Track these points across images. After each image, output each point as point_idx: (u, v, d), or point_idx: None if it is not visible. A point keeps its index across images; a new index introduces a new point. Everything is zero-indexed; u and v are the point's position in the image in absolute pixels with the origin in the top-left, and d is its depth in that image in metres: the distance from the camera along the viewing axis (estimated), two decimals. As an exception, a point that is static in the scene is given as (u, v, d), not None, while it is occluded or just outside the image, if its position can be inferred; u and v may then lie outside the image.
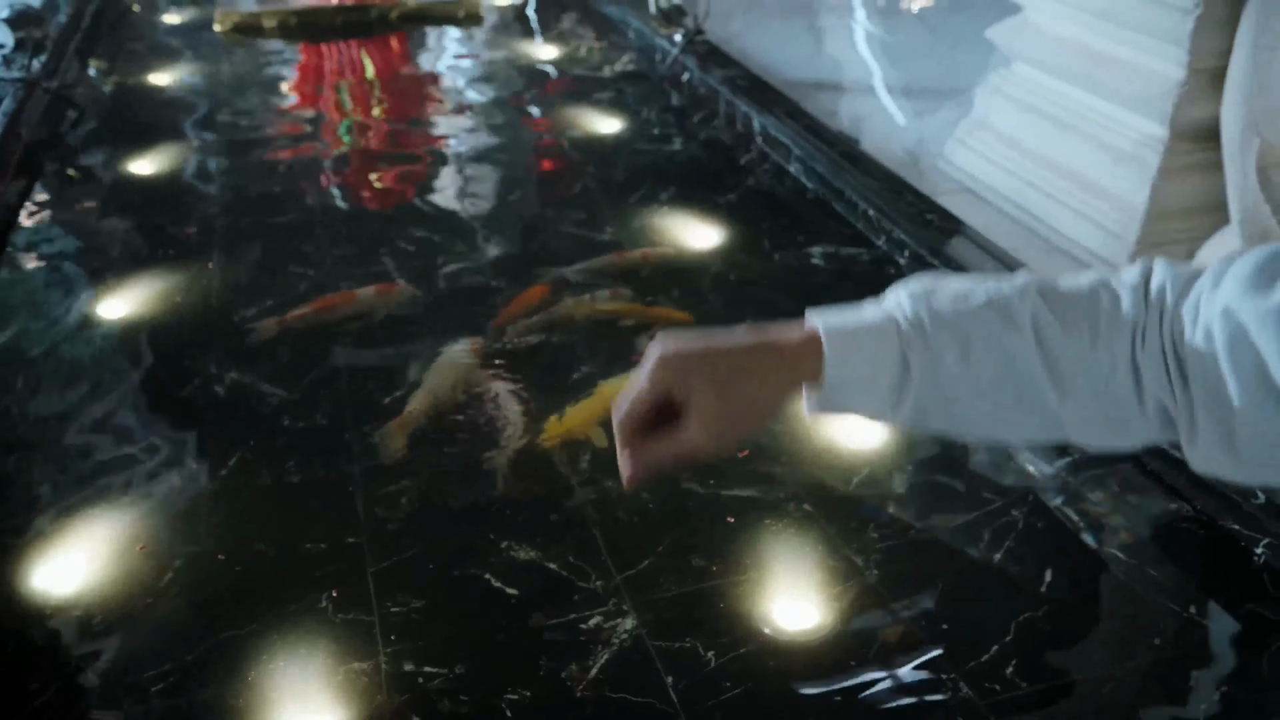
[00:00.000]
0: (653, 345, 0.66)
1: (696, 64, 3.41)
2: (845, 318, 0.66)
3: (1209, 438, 0.62)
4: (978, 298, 0.65)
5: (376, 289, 2.32)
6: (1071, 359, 0.64)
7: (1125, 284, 0.65)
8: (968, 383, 0.65)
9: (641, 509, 1.70)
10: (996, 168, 2.55)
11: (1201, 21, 1.98)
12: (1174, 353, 0.62)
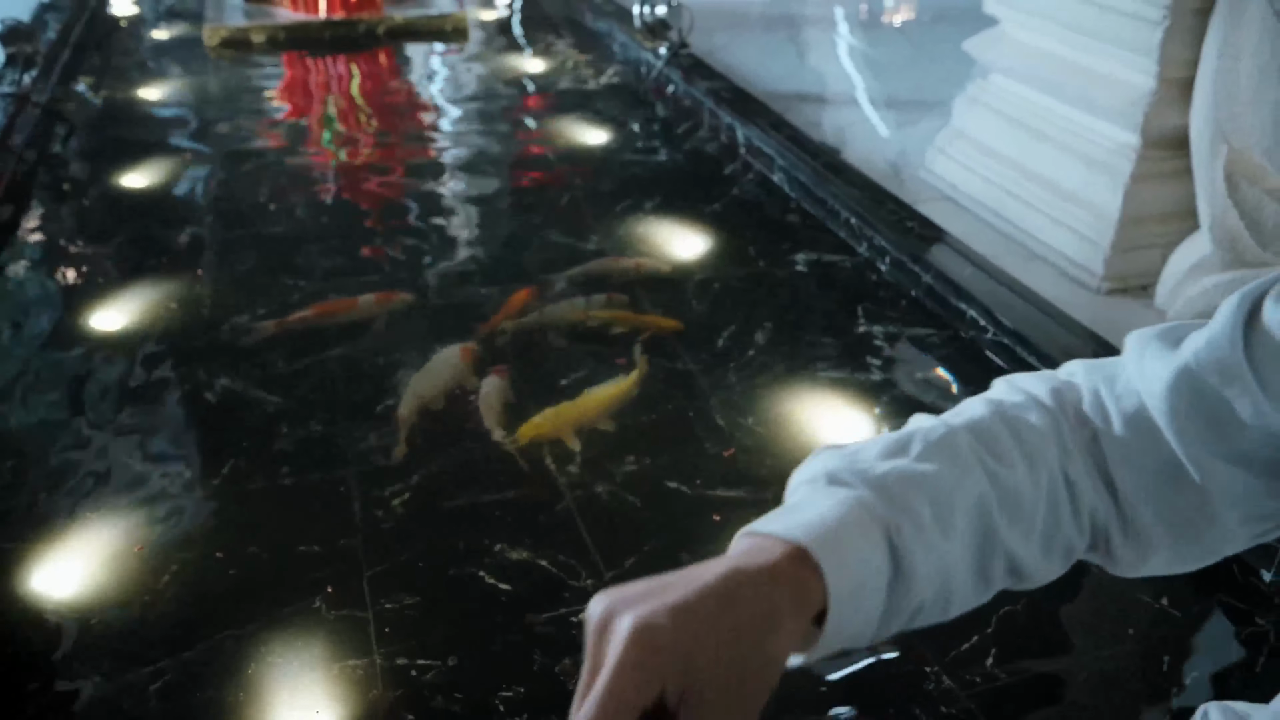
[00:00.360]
0: (607, 615, 0.49)
1: (681, 77, 3.46)
2: (799, 516, 0.53)
3: (1139, 542, 0.61)
4: (914, 449, 0.58)
5: (377, 296, 2.37)
6: (1021, 490, 0.59)
7: (1030, 399, 0.63)
8: (952, 548, 0.56)
9: (629, 510, 1.74)
10: (975, 176, 2.61)
11: (1169, 33, 2.04)
12: (1095, 452, 0.61)
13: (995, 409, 0.63)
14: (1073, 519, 0.62)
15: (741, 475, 1.81)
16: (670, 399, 2.02)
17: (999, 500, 0.59)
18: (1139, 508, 0.61)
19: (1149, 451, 0.61)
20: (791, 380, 2.06)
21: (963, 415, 0.62)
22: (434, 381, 2.08)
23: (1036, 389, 0.64)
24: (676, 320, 2.26)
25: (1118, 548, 0.63)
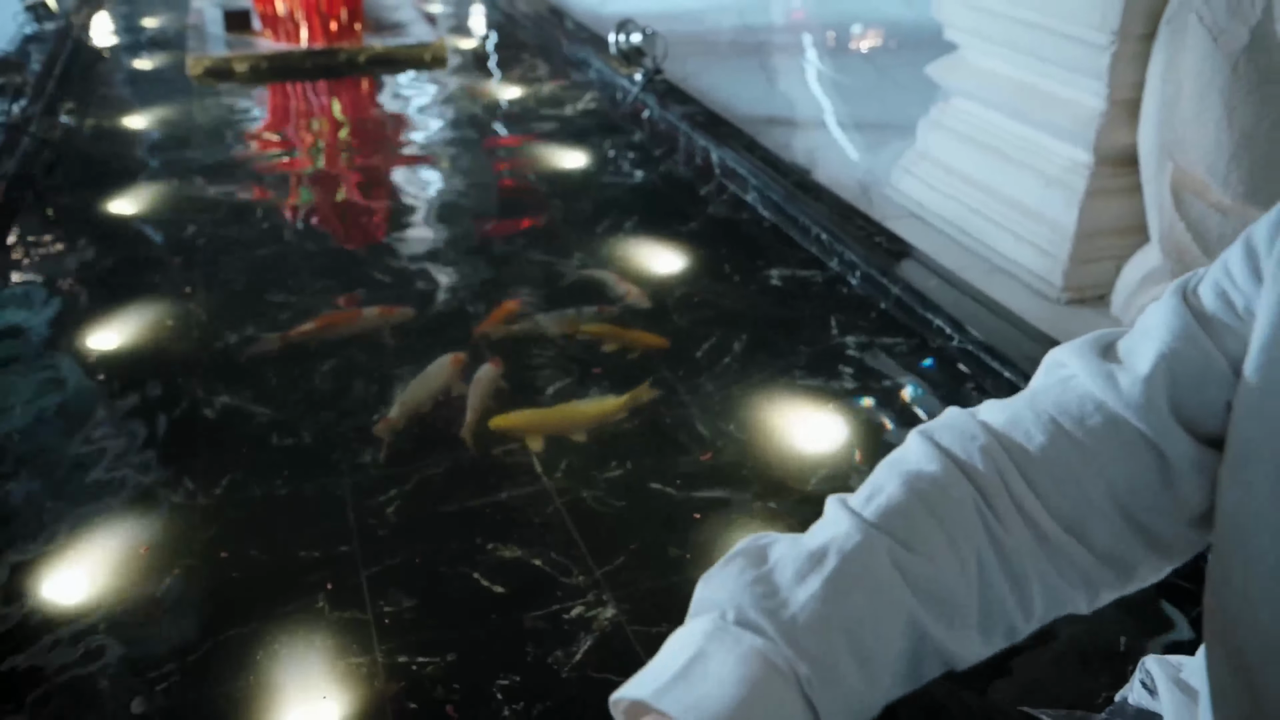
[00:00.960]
0: None
1: (656, 101, 3.57)
2: (706, 690, 0.53)
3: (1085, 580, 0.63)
4: (830, 564, 0.58)
5: (380, 309, 2.46)
6: (950, 585, 0.59)
7: (948, 466, 0.63)
8: (878, 689, 0.57)
9: (616, 511, 1.82)
10: (939, 194, 2.72)
11: (1117, 57, 2.17)
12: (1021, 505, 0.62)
13: (912, 488, 0.62)
14: (1012, 593, 0.61)
15: (721, 477, 1.90)
16: (652, 406, 2.11)
17: (926, 607, 0.58)
18: (1100, 541, 0.63)
19: (1127, 464, 0.62)
20: (768, 388, 2.16)
21: (879, 501, 0.62)
22: (425, 388, 2.16)
23: (957, 445, 0.64)
24: (662, 338, 2.35)
25: (1101, 581, 0.64)
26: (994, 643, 0.63)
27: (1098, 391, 0.63)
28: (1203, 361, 0.61)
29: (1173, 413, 0.62)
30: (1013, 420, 0.65)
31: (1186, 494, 0.63)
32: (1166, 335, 0.63)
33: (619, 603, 1.61)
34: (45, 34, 4.48)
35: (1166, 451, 0.62)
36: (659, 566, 1.70)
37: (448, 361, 2.24)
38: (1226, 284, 0.62)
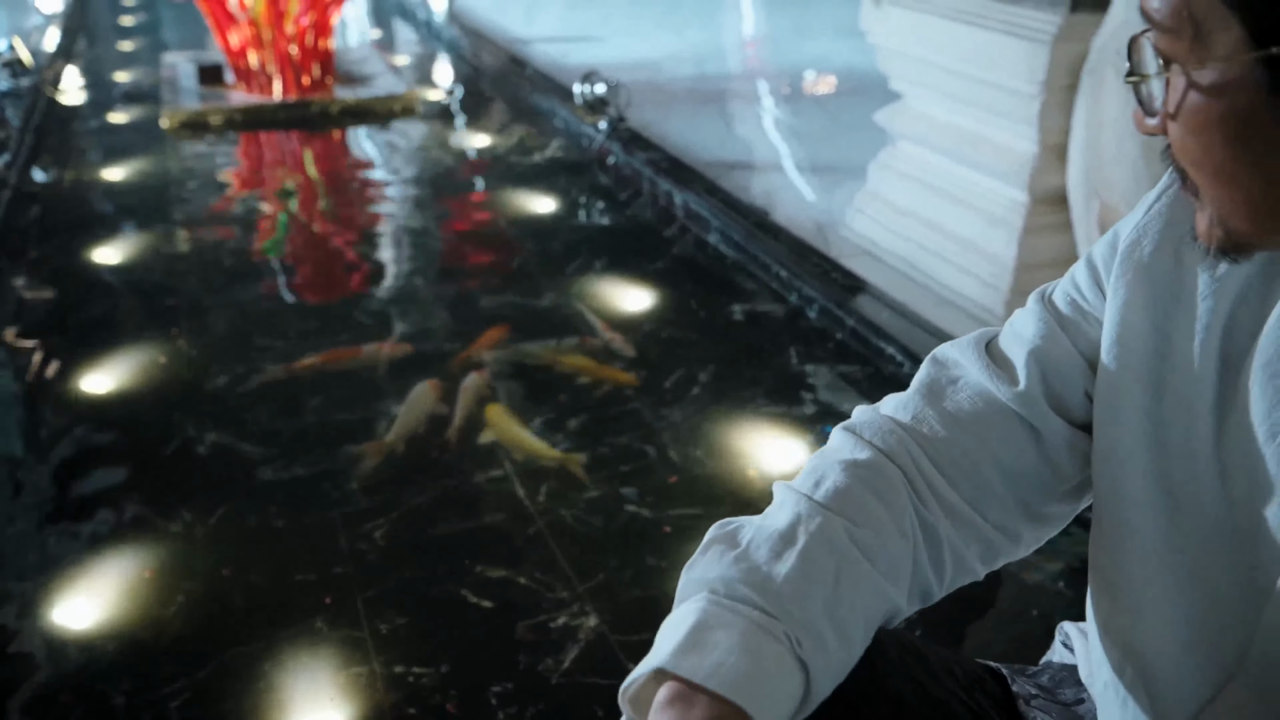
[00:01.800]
0: None
1: (621, 148, 3.75)
2: (716, 658, 0.60)
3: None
4: (800, 541, 0.66)
5: (379, 345, 2.61)
6: (895, 552, 0.69)
7: (876, 453, 0.72)
8: (850, 645, 0.66)
9: (595, 532, 1.95)
10: (890, 232, 2.90)
11: (1045, 106, 2.36)
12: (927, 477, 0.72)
13: (853, 474, 0.71)
14: (931, 560, 0.72)
15: (692, 497, 2.03)
16: (625, 434, 2.24)
17: (882, 573, 0.67)
18: (991, 505, 0.73)
19: (1005, 440, 0.73)
20: (734, 414, 2.31)
21: (826, 487, 0.71)
22: (413, 411, 2.31)
23: (878, 440, 0.74)
24: (632, 375, 2.48)
25: (1000, 540, 0.75)
26: (913, 605, 0.73)
27: (985, 385, 0.75)
28: (1065, 357, 0.74)
29: (1046, 400, 0.74)
30: (917, 416, 0.75)
31: (1063, 470, 0.75)
32: (1034, 335, 0.75)
33: (601, 614, 1.73)
34: (20, 89, 4.58)
35: (1043, 434, 0.73)
36: (637, 579, 1.82)
37: (427, 387, 2.38)
38: (1075, 294, 0.75)
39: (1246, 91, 0.51)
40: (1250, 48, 0.49)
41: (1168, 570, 0.68)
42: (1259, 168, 0.53)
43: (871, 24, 2.84)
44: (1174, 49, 0.54)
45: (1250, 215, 0.55)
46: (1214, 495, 0.65)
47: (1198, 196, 0.58)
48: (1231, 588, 0.65)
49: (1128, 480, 0.69)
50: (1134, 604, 0.70)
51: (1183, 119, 0.55)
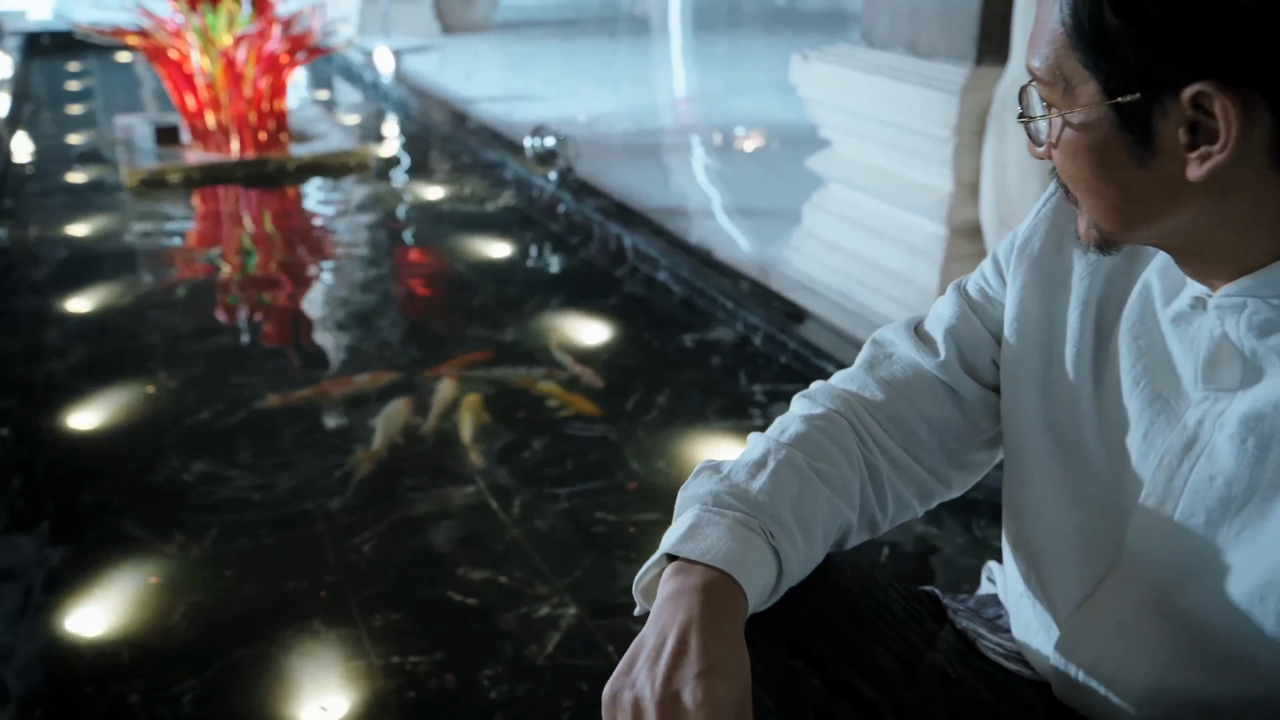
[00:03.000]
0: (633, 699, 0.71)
1: (571, 196, 3.98)
2: (710, 543, 0.77)
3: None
4: (770, 466, 0.83)
5: (370, 375, 2.79)
6: (847, 481, 0.86)
7: (828, 410, 0.89)
8: (811, 544, 0.83)
9: (567, 535, 2.12)
10: (824, 267, 3.15)
11: (958, 149, 2.63)
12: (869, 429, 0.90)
13: (810, 424, 0.88)
14: (867, 493, 0.88)
15: (654, 502, 2.22)
16: (591, 451, 2.43)
17: (836, 494, 0.84)
18: (922, 456, 0.91)
19: (931, 400, 0.91)
20: (689, 430, 2.51)
21: (789, 432, 0.87)
22: (392, 423, 2.52)
23: (829, 401, 0.91)
24: (595, 405, 2.65)
25: (931, 483, 0.92)
26: (862, 531, 0.91)
27: (914, 357, 0.95)
28: (975, 334, 0.94)
29: (962, 367, 0.93)
30: (861, 384, 0.94)
31: (978, 423, 0.94)
32: (951, 317, 0.95)
33: (579, 605, 1.90)
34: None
35: (961, 394, 0.93)
36: (609, 573, 2.00)
37: (401, 403, 2.60)
38: (983, 284, 0.95)
39: (1103, 128, 0.70)
40: (1103, 98, 0.70)
41: (1058, 496, 0.87)
42: (1117, 182, 0.72)
43: (801, 79, 3.11)
44: (1051, 97, 0.73)
45: (1114, 218, 0.75)
46: (1092, 434, 0.85)
47: (1078, 205, 0.80)
48: (1105, 505, 0.85)
49: (1026, 428, 0.89)
50: (1034, 524, 0.90)
51: (1061, 148, 0.74)
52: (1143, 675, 0.82)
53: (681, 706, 0.70)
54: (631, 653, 0.75)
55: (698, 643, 0.72)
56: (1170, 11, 0.61)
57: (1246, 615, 0.74)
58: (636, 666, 0.73)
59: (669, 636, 0.73)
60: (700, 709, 0.69)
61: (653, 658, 0.73)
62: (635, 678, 0.73)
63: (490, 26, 9.34)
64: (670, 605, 0.75)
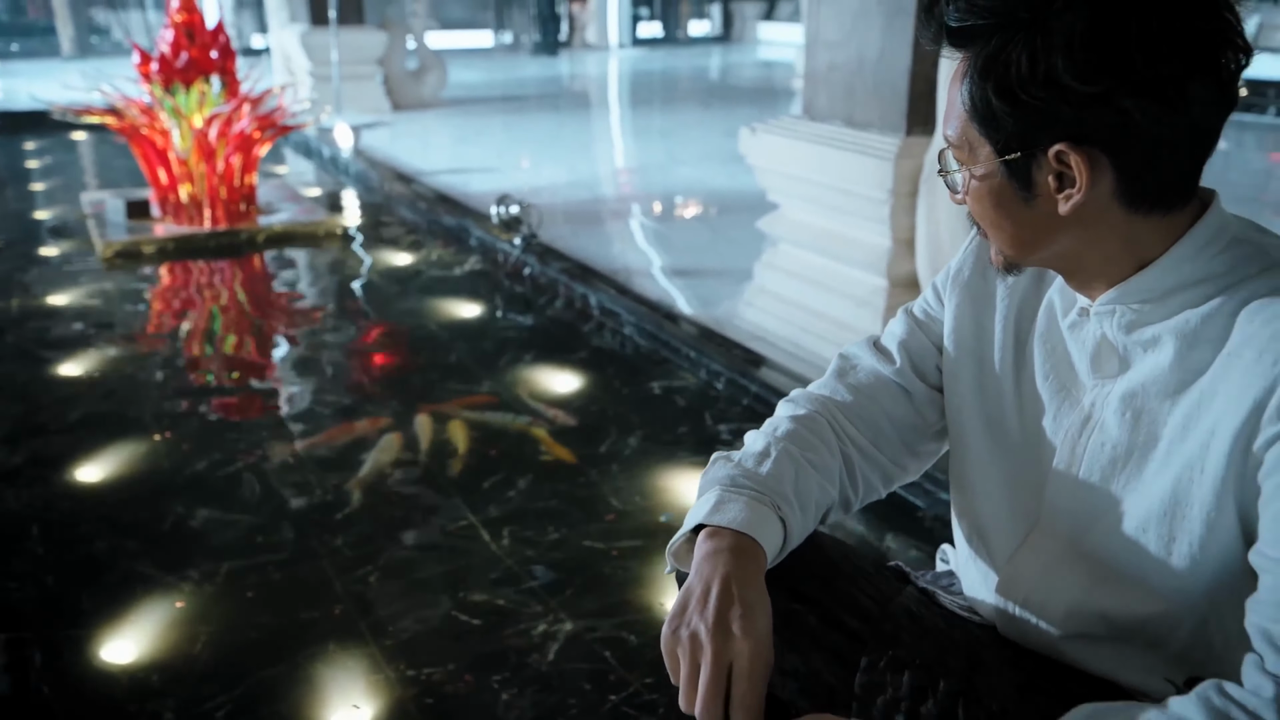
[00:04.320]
0: (690, 634, 0.93)
1: (536, 260, 4.23)
2: (733, 514, 0.99)
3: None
4: (773, 454, 1.06)
5: (368, 421, 3.01)
6: (830, 468, 1.09)
7: (810, 411, 1.12)
8: (806, 516, 1.05)
9: (558, 562, 2.32)
10: (776, 319, 3.43)
11: (894, 208, 2.94)
12: (849, 429, 1.12)
13: (797, 422, 1.09)
14: (844, 476, 1.10)
15: (634, 530, 2.43)
16: (572, 488, 2.64)
17: (822, 478, 1.06)
18: (884, 447, 1.13)
19: (891, 400, 1.14)
20: (662, 467, 2.74)
21: (781, 429, 1.09)
22: (382, 455, 2.76)
23: (809, 405, 1.13)
24: (570, 453, 2.85)
25: (892, 469, 1.14)
26: (839, 511, 1.16)
27: (875, 366, 1.20)
28: (922, 345, 1.19)
29: (913, 372, 1.18)
30: (833, 389, 1.18)
31: (928, 418, 1.19)
32: (902, 333, 1.20)
33: (574, 620, 2.10)
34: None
35: (913, 394, 1.17)
36: (599, 592, 2.20)
37: (393, 438, 2.85)
38: (926, 306, 1.20)
39: (998, 178, 0.96)
40: (996, 157, 0.94)
41: (991, 469, 1.12)
42: (1011, 218, 0.97)
43: (749, 149, 3.42)
44: (961, 157, 0.99)
45: (1013, 246, 1.01)
46: (1014, 419, 1.10)
47: (987, 238, 1.06)
48: (1028, 474, 1.09)
49: (965, 417, 1.13)
50: (974, 494, 1.15)
51: (970, 195, 1.00)
52: (1064, 602, 1.05)
53: (731, 634, 0.91)
54: (681, 600, 0.94)
55: (736, 588, 0.93)
56: (1034, 96, 0.87)
57: (1136, 545, 0.99)
58: (689, 609, 0.93)
59: (713, 586, 0.94)
60: (745, 636, 0.91)
61: (701, 602, 0.93)
62: (689, 618, 0.92)
63: (440, 103, 9.67)
64: (709, 562, 0.96)
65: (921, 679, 1.09)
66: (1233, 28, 0.86)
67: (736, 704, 0.90)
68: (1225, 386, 0.90)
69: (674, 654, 0.93)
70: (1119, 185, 0.90)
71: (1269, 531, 0.86)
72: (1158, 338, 0.96)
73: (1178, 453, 0.94)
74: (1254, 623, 0.85)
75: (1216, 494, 0.91)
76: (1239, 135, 8.39)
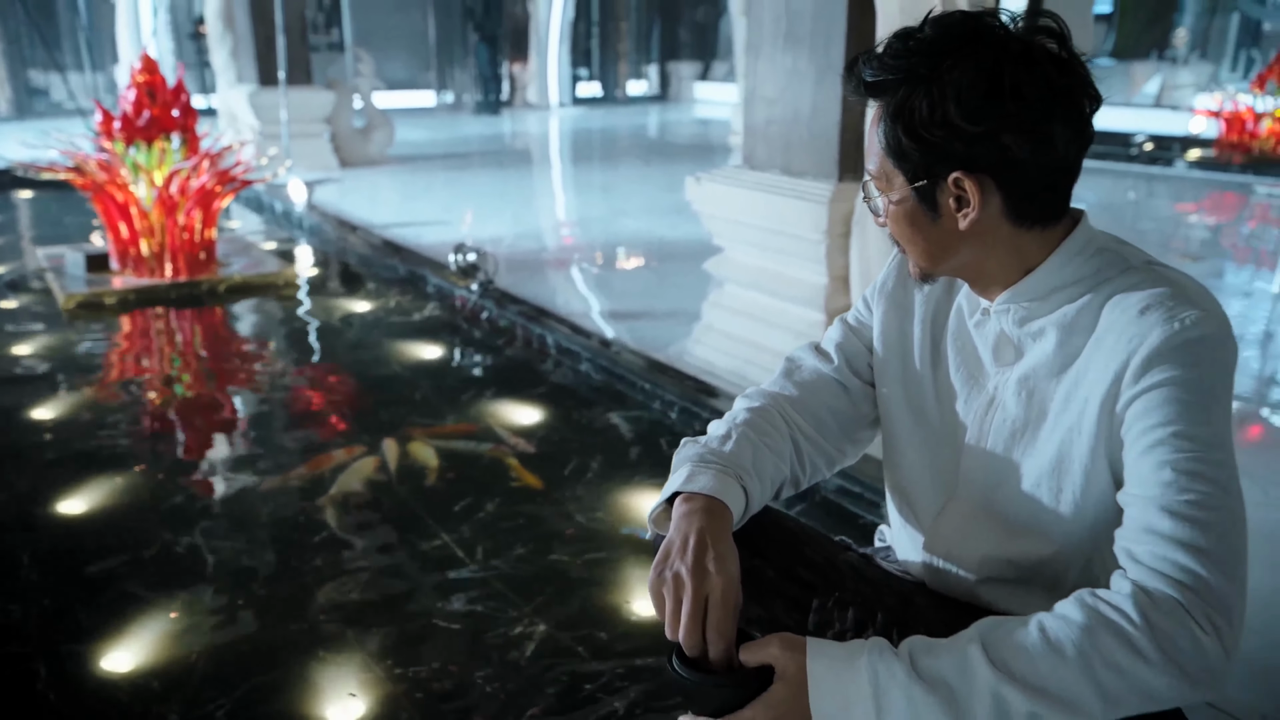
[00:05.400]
0: (673, 574, 1.11)
1: (494, 304, 4.43)
2: (705, 482, 1.18)
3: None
4: (735, 435, 1.26)
5: (344, 451, 3.17)
6: (781, 449, 1.28)
7: (765, 403, 1.32)
8: (763, 486, 1.24)
9: (529, 574, 2.49)
10: (722, 354, 3.67)
11: (829, 248, 3.21)
12: (796, 420, 1.33)
13: (752, 412, 1.29)
14: (794, 458, 1.29)
15: (596, 545, 2.62)
16: (539, 509, 2.83)
17: (776, 458, 1.24)
18: (826, 435, 1.40)
19: (831, 394, 1.38)
20: (620, 488, 2.94)
21: (739, 418, 1.28)
22: (355, 476, 2.95)
23: (762, 399, 1.32)
24: (538, 480, 3.04)
25: (834, 454, 1.36)
26: (789, 489, 1.37)
27: (817, 365, 1.44)
28: (856, 347, 1.43)
29: (850, 370, 1.42)
30: (781, 386, 1.41)
31: (863, 409, 1.42)
32: (839, 337, 1.44)
33: (547, 622, 2.28)
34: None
35: (850, 389, 1.41)
36: (570, 597, 2.38)
37: (368, 460, 3.04)
38: (859, 314, 1.44)
39: (910, 202, 1.19)
40: (908, 185, 1.19)
41: (916, 448, 1.35)
42: (922, 235, 1.21)
43: (695, 196, 3.68)
44: (880, 186, 1.23)
45: (925, 258, 1.25)
46: (933, 406, 1.34)
47: (905, 253, 1.29)
48: (946, 450, 1.33)
49: (893, 406, 1.37)
50: (903, 470, 1.38)
51: (889, 218, 1.24)
52: (978, 553, 1.28)
53: (707, 573, 1.09)
54: (664, 550, 1.12)
55: (709, 539, 1.12)
56: (934, 135, 1.11)
57: (1033, 500, 1.22)
58: (671, 555, 1.11)
59: (690, 537, 1.11)
60: (719, 574, 1.11)
61: (681, 550, 1.11)
62: (672, 563, 1.11)
63: (387, 160, 9.88)
64: (686, 520, 1.14)
65: (862, 614, 1.31)
66: (1085, 81, 1.12)
67: (712, 629, 1.10)
68: (1095, 364, 1.14)
69: (659, 593, 1.13)
70: (1005, 205, 1.14)
71: (1130, 474, 1.09)
72: (1043, 329, 1.20)
73: (1061, 421, 1.18)
74: (1119, 545, 1.08)
75: (1091, 450, 1.14)
76: (1150, 186, 8.95)
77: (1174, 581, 1.01)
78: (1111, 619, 1.00)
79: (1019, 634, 1.02)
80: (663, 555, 1.13)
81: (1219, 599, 1.00)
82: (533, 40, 15.79)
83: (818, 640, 1.08)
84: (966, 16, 1.13)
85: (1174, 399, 1.07)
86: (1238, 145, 9.41)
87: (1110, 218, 7.39)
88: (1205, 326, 1.08)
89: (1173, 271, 1.15)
